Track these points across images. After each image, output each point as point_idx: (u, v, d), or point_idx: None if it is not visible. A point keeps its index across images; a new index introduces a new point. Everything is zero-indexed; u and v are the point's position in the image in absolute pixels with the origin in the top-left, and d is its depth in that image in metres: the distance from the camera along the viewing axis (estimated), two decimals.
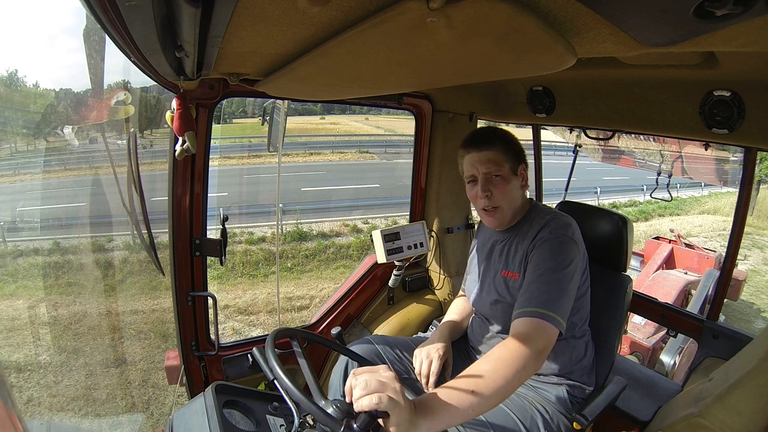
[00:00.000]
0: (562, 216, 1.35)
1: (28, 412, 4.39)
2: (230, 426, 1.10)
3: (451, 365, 1.43)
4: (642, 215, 13.54)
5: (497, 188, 1.34)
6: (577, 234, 1.32)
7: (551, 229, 1.29)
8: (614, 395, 1.35)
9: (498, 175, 1.34)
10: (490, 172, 1.34)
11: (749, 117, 1.30)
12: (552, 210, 1.41)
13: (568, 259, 1.23)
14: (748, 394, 1.14)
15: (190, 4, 0.53)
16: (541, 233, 1.30)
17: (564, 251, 1.24)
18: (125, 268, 7.13)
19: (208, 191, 1.63)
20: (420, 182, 2.26)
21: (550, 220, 1.32)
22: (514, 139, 1.39)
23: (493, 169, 1.33)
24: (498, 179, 1.34)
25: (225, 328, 6.46)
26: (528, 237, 1.33)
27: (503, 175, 1.34)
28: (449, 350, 1.43)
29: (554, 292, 1.17)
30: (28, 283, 7.07)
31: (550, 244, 1.26)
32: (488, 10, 0.58)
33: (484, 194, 1.35)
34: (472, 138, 1.40)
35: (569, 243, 1.26)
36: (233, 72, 1.21)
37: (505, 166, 1.34)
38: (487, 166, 1.34)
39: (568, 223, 1.31)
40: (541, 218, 1.34)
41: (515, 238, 1.39)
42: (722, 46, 0.68)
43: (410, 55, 0.84)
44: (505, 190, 1.35)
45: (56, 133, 9.22)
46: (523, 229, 1.37)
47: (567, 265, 1.22)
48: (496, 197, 1.35)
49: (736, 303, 6.79)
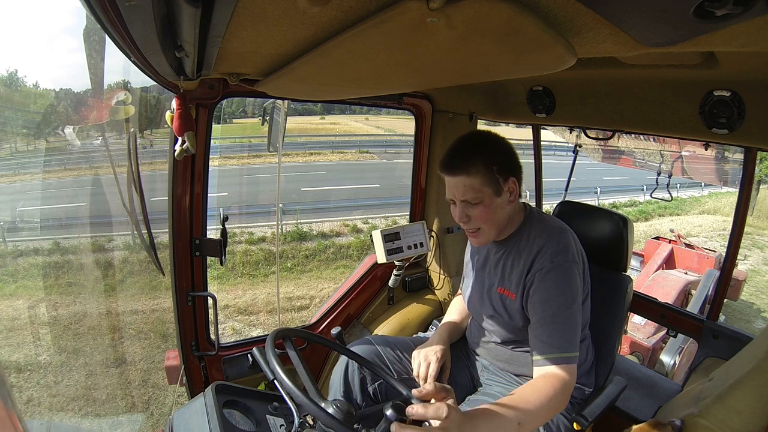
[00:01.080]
0: (558, 232, 1.27)
1: (28, 412, 4.39)
2: (230, 426, 1.10)
3: (449, 368, 1.42)
4: (642, 215, 13.54)
5: (476, 212, 1.25)
6: (575, 248, 1.26)
7: (552, 255, 1.22)
8: (614, 395, 1.35)
9: (476, 202, 1.24)
10: (467, 200, 1.24)
11: (749, 117, 1.30)
12: (547, 222, 1.32)
13: (575, 288, 1.21)
14: (748, 394, 1.14)
15: (190, 4, 0.53)
16: (541, 259, 1.23)
17: (569, 281, 1.20)
18: (125, 268, 7.13)
19: (208, 191, 1.63)
20: (420, 182, 2.26)
21: (547, 242, 1.24)
22: (498, 152, 1.26)
23: (470, 197, 1.23)
24: (477, 205, 1.24)
25: (225, 328, 6.46)
26: (524, 255, 1.27)
27: (482, 200, 1.24)
28: (447, 353, 1.43)
29: (570, 331, 1.17)
30: (28, 283, 7.07)
31: (554, 277, 1.20)
32: (488, 10, 0.58)
33: (461, 220, 1.28)
34: (446, 159, 1.27)
35: (572, 269, 1.21)
36: (233, 72, 1.21)
37: (485, 191, 1.23)
38: (463, 193, 1.24)
39: (566, 244, 1.24)
40: (537, 235, 1.27)
41: (511, 252, 1.33)
42: (722, 46, 0.68)
43: (410, 55, 0.84)
44: (485, 213, 1.25)
45: (56, 133, 9.23)
46: (520, 244, 1.31)
47: (575, 295, 1.20)
48: (476, 221, 1.27)
49: (736, 303, 6.80)
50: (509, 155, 1.28)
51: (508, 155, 1.28)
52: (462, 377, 1.48)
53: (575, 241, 1.29)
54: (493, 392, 1.37)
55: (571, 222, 1.60)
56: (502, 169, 1.24)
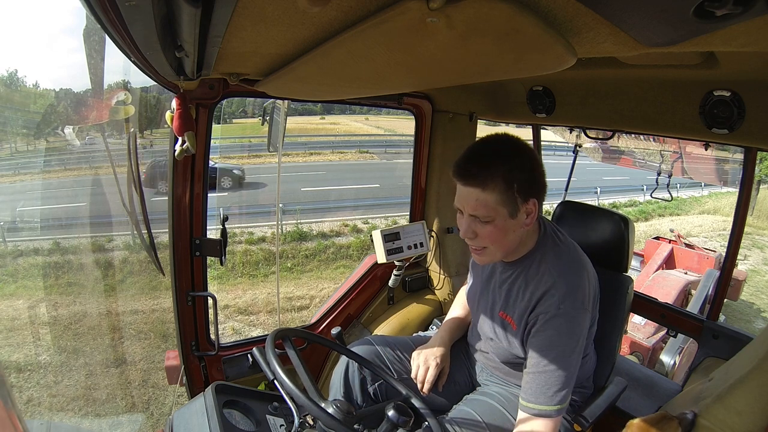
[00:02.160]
0: (570, 271, 1.16)
1: (28, 412, 4.39)
2: (230, 426, 1.10)
3: (447, 373, 1.42)
4: (642, 215, 13.54)
5: (485, 230, 1.11)
6: (587, 290, 1.16)
7: (559, 301, 1.11)
8: (615, 396, 1.35)
9: (486, 221, 1.10)
10: (477, 216, 1.11)
11: (749, 117, 1.30)
12: (562, 253, 1.19)
13: (577, 336, 1.13)
14: (748, 394, 1.14)
15: (190, 4, 0.53)
16: (547, 302, 1.13)
17: (572, 331, 1.12)
18: (125, 268, 7.13)
19: (208, 191, 1.63)
20: (420, 182, 2.26)
21: (557, 282, 1.13)
22: (524, 167, 1.09)
23: (481, 213, 1.09)
24: (487, 224, 1.11)
25: (225, 328, 6.46)
26: (531, 288, 1.17)
27: (494, 220, 1.09)
28: (447, 358, 1.42)
29: (563, 382, 1.10)
30: (28, 283, 7.07)
31: (557, 325, 1.11)
32: (488, 10, 0.58)
33: (466, 235, 1.15)
34: (462, 164, 1.12)
35: (579, 317, 1.13)
36: (233, 72, 1.21)
37: (499, 210, 1.08)
38: (474, 208, 1.10)
39: (577, 287, 1.13)
40: (548, 269, 1.16)
41: (518, 278, 1.22)
42: (722, 46, 0.68)
43: (410, 55, 0.84)
44: (495, 234, 1.11)
45: (56, 133, 9.22)
46: (529, 272, 1.19)
47: (576, 343, 1.13)
48: (482, 240, 1.13)
49: (736, 303, 6.80)
50: (535, 173, 1.12)
51: (534, 173, 1.12)
52: (461, 376, 1.48)
53: (589, 280, 1.18)
54: (491, 392, 1.37)
55: (571, 222, 1.60)
56: (524, 189, 1.09)
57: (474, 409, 1.28)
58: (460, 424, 1.23)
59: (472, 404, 1.32)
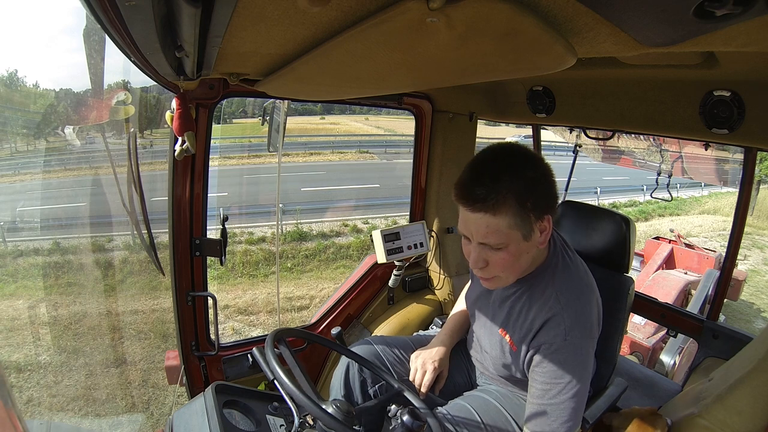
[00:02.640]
0: (578, 297, 1.08)
1: (28, 412, 4.39)
2: (230, 426, 1.10)
3: (445, 377, 1.41)
4: (642, 215, 13.55)
5: (497, 258, 1.02)
6: (595, 316, 1.09)
7: (565, 332, 1.04)
8: (615, 397, 1.35)
9: (499, 248, 1.01)
10: (488, 244, 1.01)
11: (749, 117, 1.30)
12: (571, 275, 1.12)
13: (585, 366, 1.06)
14: (748, 394, 1.14)
15: (190, 4, 0.53)
16: (551, 331, 1.05)
17: (580, 362, 1.05)
18: (125, 268, 7.13)
19: (208, 191, 1.63)
20: (420, 182, 2.26)
21: (563, 310, 1.05)
22: (538, 181, 0.98)
23: (493, 241, 1.00)
24: (499, 251, 1.01)
25: (225, 328, 6.46)
26: (534, 311, 1.10)
27: (507, 246, 1.00)
28: (445, 361, 1.40)
29: (575, 410, 1.05)
30: (28, 283, 7.07)
31: (563, 358, 1.04)
32: (488, 11, 0.58)
33: (476, 266, 1.06)
34: (467, 184, 0.98)
35: (586, 346, 1.06)
36: (233, 72, 1.21)
37: (512, 235, 0.98)
38: (485, 235, 1.00)
39: (584, 314, 1.06)
40: (555, 293, 1.08)
41: (521, 297, 1.15)
42: (722, 46, 0.68)
43: (410, 55, 0.84)
44: (508, 260, 1.02)
45: (56, 133, 9.22)
46: (533, 292, 1.12)
47: (584, 373, 1.06)
48: (494, 268, 1.05)
49: (736, 303, 6.80)
50: (549, 185, 1.01)
51: (548, 185, 1.01)
52: (460, 377, 1.48)
53: (597, 304, 1.13)
54: (489, 389, 1.37)
55: (572, 222, 1.60)
56: (539, 206, 0.98)
57: (470, 404, 1.28)
58: (456, 418, 1.22)
59: (468, 399, 1.31)
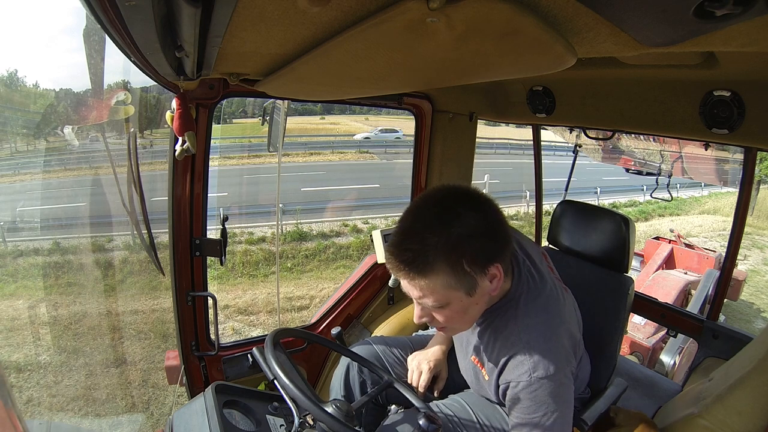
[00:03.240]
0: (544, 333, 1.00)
1: (28, 412, 4.39)
2: (230, 426, 1.10)
3: (444, 378, 1.40)
4: (642, 215, 13.55)
5: (442, 315, 0.98)
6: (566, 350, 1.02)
7: (532, 368, 0.96)
8: (614, 398, 1.35)
9: (441, 307, 0.95)
10: (427, 305, 0.96)
11: (749, 117, 1.30)
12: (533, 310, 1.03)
13: (564, 396, 0.99)
14: (748, 394, 1.14)
15: (190, 4, 0.53)
16: (519, 367, 0.98)
17: (557, 393, 0.97)
18: (125, 268, 7.13)
19: (208, 191, 1.63)
20: (420, 182, 2.26)
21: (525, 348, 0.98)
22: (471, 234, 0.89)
23: (430, 302, 0.94)
24: (443, 309, 0.96)
25: (225, 328, 6.47)
26: (498, 346, 1.04)
27: (451, 305, 0.95)
28: (442, 361, 1.40)
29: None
30: (28, 283, 7.08)
31: (535, 393, 0.97)
32: (488, 11, 0.58)
33: (419, 322, 1.01)
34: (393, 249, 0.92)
35: (559, 375, 0.97)
36: (233, 72, 1.21)
37: (454, 294, 0.93)
38: (420, 297, 0.95)
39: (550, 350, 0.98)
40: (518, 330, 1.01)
41: (489, 328, 1.09)
42: (722, 46, 0.68)
43: (410, 55, 0.84)
44: (454, 318, 0.99)
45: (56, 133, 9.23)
46: (499, 324, 1.06)
47: (563, 405, 0.99)
48: (442, 323, 1.01)
49: (736, 303, 6.80)
50: (490, 233, 0.93)
51: (489, 233, 0.92)
52: (460, 377, 1.48)
53: (568, 333, 1.05)
54: None
55: (572, 222, 1.60)
56: (477, 261, 0.91)
57: (465, 399, 1.28)
58: (453, 416, 1.22)
59: (464, 396, 1.31)
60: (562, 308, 1.08)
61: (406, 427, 1.13)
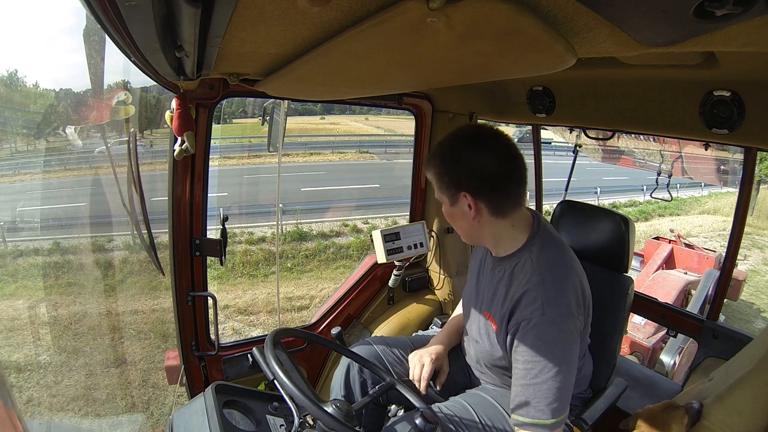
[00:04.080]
0: (557, 274, 1.09)
1: (28, 412, 4.39)
2: (230, 426, 1.10)
3: (446, 372, 1.41)
4: (642, 215, 13.54)
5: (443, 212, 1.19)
6: (577, 296, 1.09)
7: (543, 306, 1.04)
8: (614, 398, 1.35)
9: (440, 201, 1.17)
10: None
11: (749, 117, 1.30)
12: (551, 253, 1.13)
13: (567, 346, 1.05)
14: (748, 394, 1.14)
15: (190, 4, 0.53)
16: (528, 306, 1.06)
17: (563, 336, 1.04)
18: (125, 268, 7.13)
19: (208, 191, 1.63)
20: (420, 182, 2.26)
21: (539, 284, 1.06)
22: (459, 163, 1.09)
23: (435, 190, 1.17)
24: (441, 206, 1.18)
25: (225, 328, 6.46)
26: (513, 287, 1.12)
27: (443, 204, 1.17)
28: (443, 356, 1.41)
29: (561, 391, 1.03)
30: (28, 283, 7.07)
31: (542, 334, 1.04)
32: (488, 10, 0.58)
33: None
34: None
35: (566, 324, 1.05)
36: (233, 72, 1.21)
37: (443, 197, 1.15)
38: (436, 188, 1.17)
39: (562, 291, 1.06)
40: (533, 268, 1.10)
41: (504, 275, 1.17)
42: (722, 46, 0.68)
43: (410, 55, 0.84)
44: (448, 217, 1.18)
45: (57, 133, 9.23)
46: (515, 269, 1.14)
47: (567, 354, 1.04)
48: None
49: (736, 303, 6.80)
50: (474, 169, 1.08)
51: (473, 169, 1.08)
52: (460, 377, 1.49)
53: (578, 283, 1.12)
54: (486, 387, 1.37)
55: (571, 222, 1.60)
56: (453, 181, 1.10)
57: (468, 402, 1.28)
58: (454, 416, 1.23)
59: (466, 398, 1.32)
60: (575, 264, 1.16)
61: (404, 426, 1.13)
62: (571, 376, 1.06)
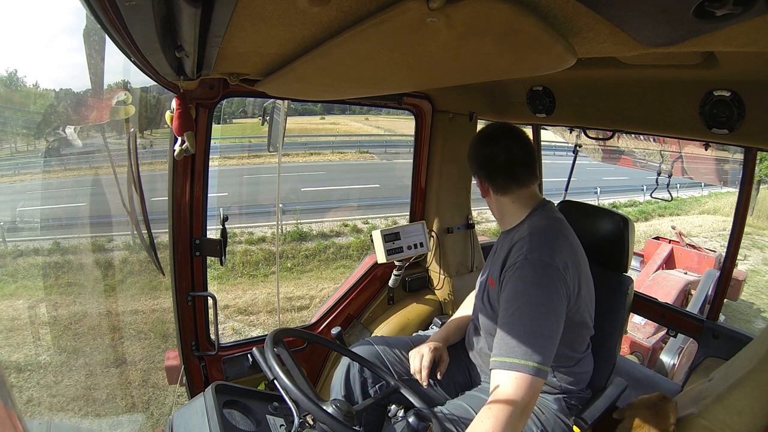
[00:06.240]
0: (547, 231, 1.20)
1: (28, 412, 4.39)
2: (230, 426, 1.10)
3: (446, 363, 1.42)
4: (642, 215, 13.54)
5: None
6: (563, 255, 1.14)
7: (527, 251, 1.12)
8: (614, 398, 1.35)
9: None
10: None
11: (749, 117, 1.30)
12: (547, 220, 1.25)
13: (547, 291, 1.07)
14: (748, 394, 1.14)
15: (190, 4, 0.53)
16: (516, 253, 1.15)
17: (543, 282, 1.08)
18: (125, 268, 7.13)
19: (208, 191, 1.63)
20: (420, 182, 2.26)
21: (528, 235, 1.18)
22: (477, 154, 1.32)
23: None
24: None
25: (225, 328, 6.46)
26: (508, 243, 1.25)
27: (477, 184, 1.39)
28: (442, 348, 1.44)
29: (537, 335, 1.02)
30: (28, 283, 7.07)
31: (523, 275, 1.09)
32: (488, 10, 0.58)
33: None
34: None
35: (547, 272, 1.08)
36: (233, 72, 1.21)
37: (474, 177, 1.40)
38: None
39: (549, 244, 1.14)
40: (527, 227, 1.23)
41: (505, 246, 1.28)
42: (722, 46, 0.68)
43: (410, 55, 0.84)
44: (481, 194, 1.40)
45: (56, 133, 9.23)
46: (514, 239, 1.25)
47: (546, 301, 1.06)
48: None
49: (736, 303, 6.79)
50: (475, 154, 1.34)
51: (475, 154, 1.34)
52: (460, 377, 1.49)
53: (568, 251, 1.17)
54: (487, 388, 1.37)
55: (571, 222, 1.60)
56: (474, 171, 1.36)
57: (468, 403, 1.28)
58: (455, 418, 1.23)
59: (467, 399, 1.32)
60: (570, 235, 1.26)
61: (402, 425, 1.13)
62: (549, 325, 1.05)
